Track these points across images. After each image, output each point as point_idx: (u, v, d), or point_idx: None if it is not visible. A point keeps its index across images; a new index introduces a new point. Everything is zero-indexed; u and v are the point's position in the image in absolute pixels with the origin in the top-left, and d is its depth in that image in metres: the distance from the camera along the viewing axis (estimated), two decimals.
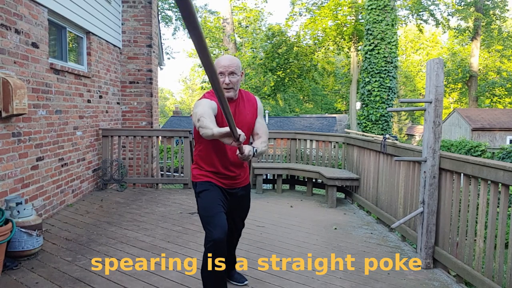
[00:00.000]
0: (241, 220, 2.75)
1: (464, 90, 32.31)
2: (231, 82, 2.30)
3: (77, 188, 5.38)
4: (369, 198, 5.17)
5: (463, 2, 26.63)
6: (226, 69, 2.28)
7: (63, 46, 5.23)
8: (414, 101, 3.87)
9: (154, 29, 7.52)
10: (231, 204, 2.55)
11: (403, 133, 38.73)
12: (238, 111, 2.44)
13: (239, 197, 2.60)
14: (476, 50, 27.97)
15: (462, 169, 3.04)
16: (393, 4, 15.34)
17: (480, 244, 2.84)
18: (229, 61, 2.30)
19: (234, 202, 2.58)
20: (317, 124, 27.92)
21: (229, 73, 2.29)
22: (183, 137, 6.48)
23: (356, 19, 23.58)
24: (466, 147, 14.56)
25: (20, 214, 3.25)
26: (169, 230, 4.18)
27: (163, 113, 52.98)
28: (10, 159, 3.73)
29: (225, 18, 19.72)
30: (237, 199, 2.58)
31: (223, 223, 2.27)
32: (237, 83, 2.35)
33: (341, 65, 31.49)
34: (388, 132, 15.33)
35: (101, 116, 6.29)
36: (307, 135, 6.84)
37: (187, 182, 6.41)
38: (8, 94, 3.47)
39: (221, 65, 2.29)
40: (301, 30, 25.26)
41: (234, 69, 2.30)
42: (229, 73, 2.29)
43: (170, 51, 41.47)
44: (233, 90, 2.34)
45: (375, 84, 15.32)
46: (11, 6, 3.76)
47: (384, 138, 4.48)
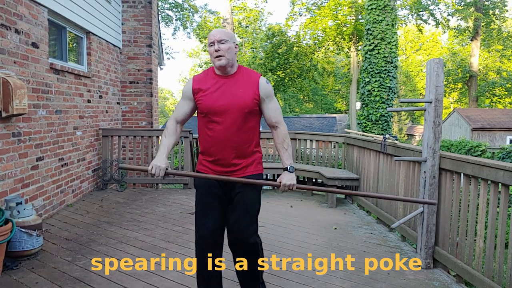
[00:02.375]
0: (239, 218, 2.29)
1: (464, 90, 32.31)
2: (221, 48, 2.19)
3: (77, 188, 5.38)
4: (369, 198, 5.17)
5: (463, 2, 26.62)
6: (214, 37, 2.21)
7: (63, 46, 5.23)
8: (414, 101, 3.87)
9: (154, 29, 7.52)
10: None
11: (403, 133, 38.73)
12: (228, 89, 2.23)
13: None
14: (476, 50, 27.97)
15: (462, 169, 3.04)
16: (393, 4, 15.34)
17: (480, 244, 2.84)
18: (217, 31, 2.24)
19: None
20: (317, 124, 27.93)
21: (218, 41, 2.20)
22: (183, 137, 6.48)
23: (356, 19, 23.58)
24: (466, 147, 14.56)
25: (20, 214, 3.25)
26: (169, 230, 4.18)
27: (163, 113, 52.98)
28: (10, 159, 3.73)
29: (225, 18, 19.71)
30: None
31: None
32: (229, 51, 2.21)
33: (341, 65, 31.49)
34: (388, 132, 15.33)
35: (101, 116, 6.29)
36: (307, 135, 6.84)
37: (187, 182, 6.41)
38: (8, 94, 3.47)
39: (210, 35, 2.23)
40: (301, 30, 25.26)
41: (224, 37, 2.21)
42: (218, 41, 2.20)
43: (170, 51, 41.42)
44: (225, 58, 2.19)
45: (375, 84, 15.32)
46: (11, 6, 3.76)
47: (384, 138, 4.48)
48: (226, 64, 2.21)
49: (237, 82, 2.26)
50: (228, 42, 2.21)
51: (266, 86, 2.27)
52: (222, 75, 2.27)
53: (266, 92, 2.27)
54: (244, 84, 2.25)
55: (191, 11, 23.52)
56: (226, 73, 2.27)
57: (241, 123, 2.23)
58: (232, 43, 2.23)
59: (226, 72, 2.26)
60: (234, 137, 2.22)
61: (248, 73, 2.30)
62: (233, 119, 2.21)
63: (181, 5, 23.18)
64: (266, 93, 2.27)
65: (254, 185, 2.30)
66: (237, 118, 2.21)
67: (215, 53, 2.20)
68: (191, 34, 31.66)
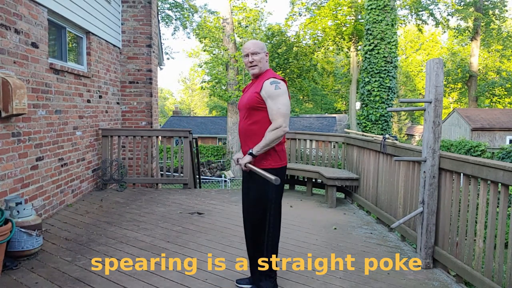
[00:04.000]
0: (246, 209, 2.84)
1: (464, 90, 32.33)
2: (254, 60, 2.65)
3: (77, 188, 5.38)
4: (368, 198, 5.17)
5: (463, 2, 26.63)
6: (248, 50, 2.66)
7: (62, 46, 5.23)
8: (414, 101, 3.87)
9: (154, 29, 7.52)
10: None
11: (402, 133, 38.75)
12: (249, 90, 2.74)
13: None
14: (475, 50, 27.98)
15: (461, 169, 3.04)
16: (393, 4, 15.35)
17: (479, 244, 2.84)
18: (251, 44, 2.69)
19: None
20: (317, 124, 27.94)
21: (252, 53, 2.65)
22: (183, 137, 6.48)
23: (356, 19, 23.60)
24: (465, 147, 14.57)
25: (19, 214, 3.25)
26: (169, 230, 4.18)
27: (163, 113, 52.97)
28: (10, 159, 3.73)
29: (225, 18, 19.69)
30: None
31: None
32: (261, 61, 2.66)
33: (341, 65, 31.50)
34: (388, 132, 15.34)
35: (100, 116, 6.29)
36: (307, 135, 6.84)
37: (186, 182, 6.41)
38: (7, 94, 3.47)
39: (245, 48, 2.68)
40: (301, 30, 25.27)
41: (257, 49, 2.66)
42: (252, 53, 2.65)
43: (170, 51, 41.47)
44: (258, 67, 2.67)
45: (375, 84, 15.32)
46: (10, 6, 3.76)
47: (384, 138, 4.48)
48: (259, 72, 2.69)
49: (255, 84, 2.70)
50: (260, 53, 2.67)
51: (268, 87, 2.58)
52: (253, 79, 2.78)
53: (267, 92, 2.58)
54: (255, 86, 2.67)
55: (190, 11, 23.52)
56: (255, 78, 2.74)
57: (249, 116, 2.65)
58: (263, 53, 2.69)
59: (255, 77, 2.74)
60: (246, 130, 2.68)
61: (265, 76, 2.66)
62: (243, 114, 2.70)
63: (181, 5, 23.18)
64: (267, 92, 2.58)
65: (257, 179, 2.66)
66: (245, 113, 2.68)
67: (249, 63, 2.69)
68: (190, 34, 31.67)
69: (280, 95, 2.56)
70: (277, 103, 2.55)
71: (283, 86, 2.59)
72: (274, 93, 2.55)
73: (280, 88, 2.56)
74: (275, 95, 2.55)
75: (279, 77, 2.65)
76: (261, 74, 2.69)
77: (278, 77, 2.63)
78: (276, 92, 2.55)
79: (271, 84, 2.56)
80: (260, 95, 2.58)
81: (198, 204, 5.41)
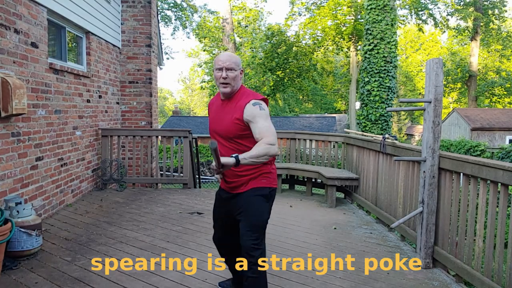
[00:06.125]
0: (243, 228, 2.31)
1: (464, 90, 32.34)
2: (229, 76, 2.25)
3: (77, 188, 5.37)
4: (368, 198, 5.17)
5: (462, 2, 26.64)
6: (223, 64, 2.26)
7: (62, 46, 5.23)
8: (414, 101, 3.87)
9: (154, 29, 7.51)
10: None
11: (402, 133, 38.76)
12: (219, 115, 2.36)
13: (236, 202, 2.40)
14: (475, 50, 27.99)
15: (461, 169, 3.04)
16: (393, 4, 15.36)
17: (479, 243, 2.84)
18: (227, 57, 2.29)
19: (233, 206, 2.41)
20: (316, 124, 27.93)
21: (226, 68, 2.26)
22: (183, 137, 6.48)
23: (356, 18, 23.60)
24: (465, 147, 14.57)
25: (19, 214, 3.25)
26: (169, 230, 4.18)
27: (163, 113, 52.97)
28: (10, 159, 3.73)
29: (225, 18, 19.72)
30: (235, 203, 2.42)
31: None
32: (235, 79, 2.29)
33: (340, 65, 31.51)
34: (387, 132, 15.35)
35: (100, 116, 6.28)
36: (307, 135, 6.84)
37: (186, 182, 6.41)
38: (7, 94, 3.47)
39: (219, 61, 2.28)
40: (301, 29, 25.28)
41: (233, 65, 2.27)
42: (226, 68, 2.26)
43: (170, 51, 41.40)
44: (230, 86, 2.28)
45: (374, 84, 15.33)
46: (10, 6, 3.75)
47: (384, 138, 4.49)
48: (230, 92, 2.31)
49: (229, 106, 2.33)
50: (236, 70, 2.29)
51: (251, 109, 2.23)
52: (223, 99, 2.38)
53: (251, 114, 2.22)
54: (232, 110, 2.30)
55: (190, 11, 23.52)
56: (226, 97, 2.36)
57: (230, 145, 2.30)
58: (239, 71, 2.31)
59: (227, 97, 2.35)
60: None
61: (242, 97, 2.30)
62: (222, 142, 2.33)
63: (181, 5, 23.17)
64: (251, 114, 2.22)
65: (248, 196, 2.36)
66: (224, 142, 2.32)
67: (221, 80, 2.27)
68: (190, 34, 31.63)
69: (267, 117, 2.24)
70: (265, 122, 2.21)
71: (266, 108, 2.28)
72: (259, 113, 2.22)
73: (264, 110, 2.24)
74: (260, 115, 2.22)
75: (258, 95, 2.33)
76: (234, 93, 2.33)
77: (258, 96, 2.32)
78: (261, 112, 2.22)
79: (254, 106, 2.23)
80: (242, 121, 2.24)
81: (198, 204, 5.41)
